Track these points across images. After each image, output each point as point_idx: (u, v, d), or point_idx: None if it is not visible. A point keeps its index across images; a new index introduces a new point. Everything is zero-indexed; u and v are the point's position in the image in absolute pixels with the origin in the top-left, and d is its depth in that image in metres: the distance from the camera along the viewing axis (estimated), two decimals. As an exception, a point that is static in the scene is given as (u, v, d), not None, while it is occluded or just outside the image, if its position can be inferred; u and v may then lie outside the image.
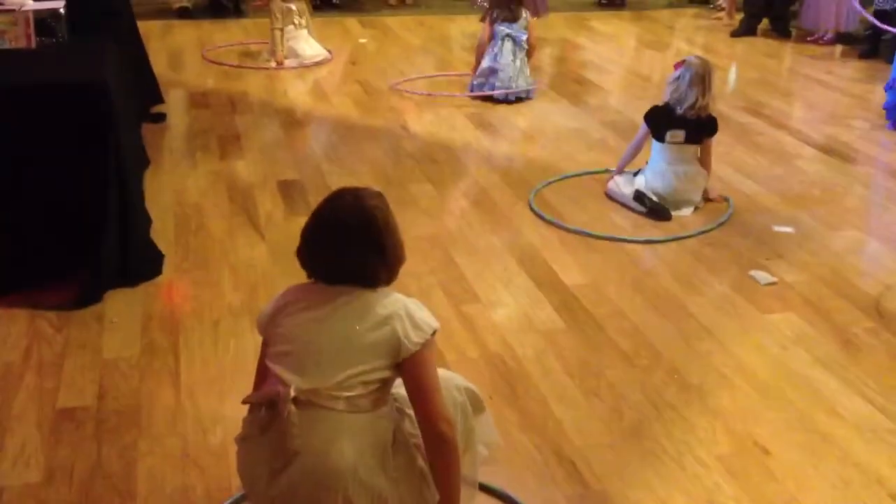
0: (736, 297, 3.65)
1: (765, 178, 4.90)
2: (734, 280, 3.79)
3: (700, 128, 4.39)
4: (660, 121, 4.43)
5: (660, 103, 4.48)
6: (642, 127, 4.52)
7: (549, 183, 4.68)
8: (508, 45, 6.08)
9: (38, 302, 3.38)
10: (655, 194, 4.38)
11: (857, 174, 5.07)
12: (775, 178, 4.93)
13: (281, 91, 6.27)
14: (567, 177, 4.78)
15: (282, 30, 6.77)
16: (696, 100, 4.31)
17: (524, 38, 6.15)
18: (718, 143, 4.60)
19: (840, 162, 5.21)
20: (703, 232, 4.20)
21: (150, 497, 2.47)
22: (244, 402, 2.05)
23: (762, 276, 3.79)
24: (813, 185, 4.85)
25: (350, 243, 2.02)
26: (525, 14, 6.21)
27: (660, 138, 4.42)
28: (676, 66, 4.42)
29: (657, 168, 4.44)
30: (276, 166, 4.87)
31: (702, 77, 4.31)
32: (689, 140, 4.39)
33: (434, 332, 2.03)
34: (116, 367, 3.05)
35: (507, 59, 6.07)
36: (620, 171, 4.60)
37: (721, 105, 6.08)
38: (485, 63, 6.13)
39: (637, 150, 4.59)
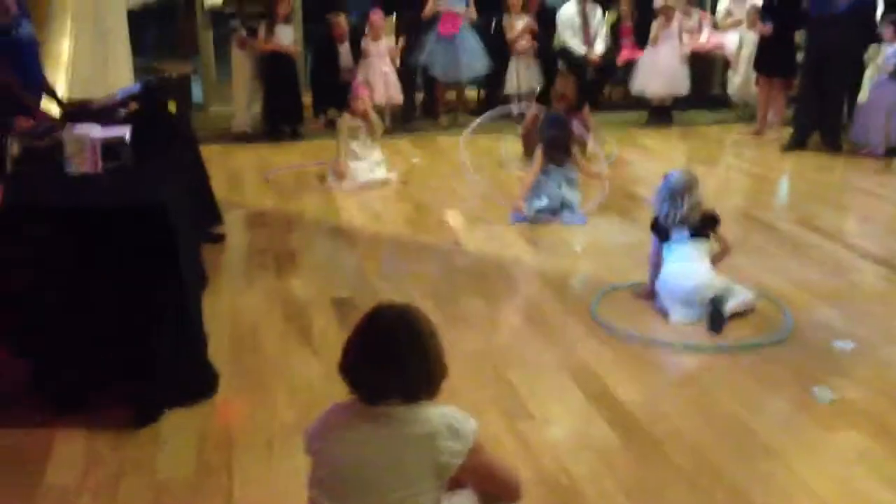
0: (797, 415, 3.57)
1: (821, 292, 4.83)
2: (794, 397, 3.71)
3: (700, 225, 4.44)
4: (661, 229, 4.51)
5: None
6: (653, 240, 4.57)
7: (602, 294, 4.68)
8: (558, 178, 6.17)
9: (95, 422, 3.42)
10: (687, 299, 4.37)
11: (916, 287, 4.98)
12: (832, 291, 4.86)
13: (335, 210, 6.40)
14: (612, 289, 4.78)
15: (346, 144, 6.91)
16: (676, 213, 4.41)
17: (574, 175, 6.26)
18: (771, 255, 4.58)
19: (898, 275, 5.13)
20: (758, 345, 4.15)
21: None
22: None
23: (823, 393, 3.71)
24: (871, 300, 4.77)
25: (396, 357, 2.03)
26: (575, 151, 6.31)
27: (667, 241, 4.48)
28: (665, 178, 4.52)
29: (668, 278, 4.45)
30: (330, 284, 4.94)
31: (680, 192, 4.41)
32: (695, 235, 4.43)
33: (475, 432, 2.08)
34: (169, 487, 3.06)
35: (554, 190, 6.15)
36: (653, 287, 4.58)
37: (772, 217, 6.09)
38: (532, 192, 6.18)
39: (657, 263, 4.57)
